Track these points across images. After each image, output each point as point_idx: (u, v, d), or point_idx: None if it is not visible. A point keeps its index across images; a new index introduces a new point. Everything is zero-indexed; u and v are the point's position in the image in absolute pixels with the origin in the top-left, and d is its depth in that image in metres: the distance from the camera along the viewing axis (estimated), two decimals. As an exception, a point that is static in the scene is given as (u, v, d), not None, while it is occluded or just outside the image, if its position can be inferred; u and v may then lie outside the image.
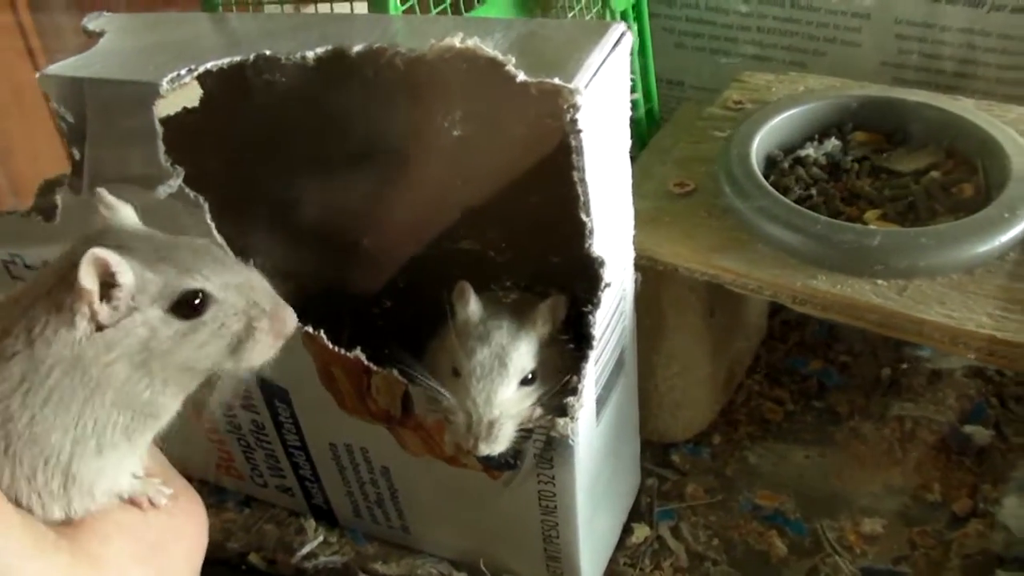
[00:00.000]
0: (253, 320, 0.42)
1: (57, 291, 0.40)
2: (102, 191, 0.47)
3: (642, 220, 0.63)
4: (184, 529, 0.47)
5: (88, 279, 0.39)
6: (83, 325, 0.40)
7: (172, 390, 0.42)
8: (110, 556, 0.42)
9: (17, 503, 0.40)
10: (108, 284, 0.40)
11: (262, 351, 0.43)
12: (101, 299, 0.40)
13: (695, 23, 0.95)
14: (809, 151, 0.73)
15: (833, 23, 0.90)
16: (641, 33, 0.80)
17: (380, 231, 0.63)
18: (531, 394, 0.57)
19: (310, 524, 0.72)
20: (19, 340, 0.40)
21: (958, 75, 0.88)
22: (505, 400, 0.55)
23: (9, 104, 0.96)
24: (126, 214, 0.45)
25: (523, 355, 0.56)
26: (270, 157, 0.62)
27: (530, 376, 0.57)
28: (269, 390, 0.63)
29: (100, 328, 0.40)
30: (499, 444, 0.55)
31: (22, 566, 0.38)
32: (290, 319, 0.43)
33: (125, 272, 0.40)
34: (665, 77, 0.96)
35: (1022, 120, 0.74)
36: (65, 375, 0.40)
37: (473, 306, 0.58)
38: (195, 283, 0.40)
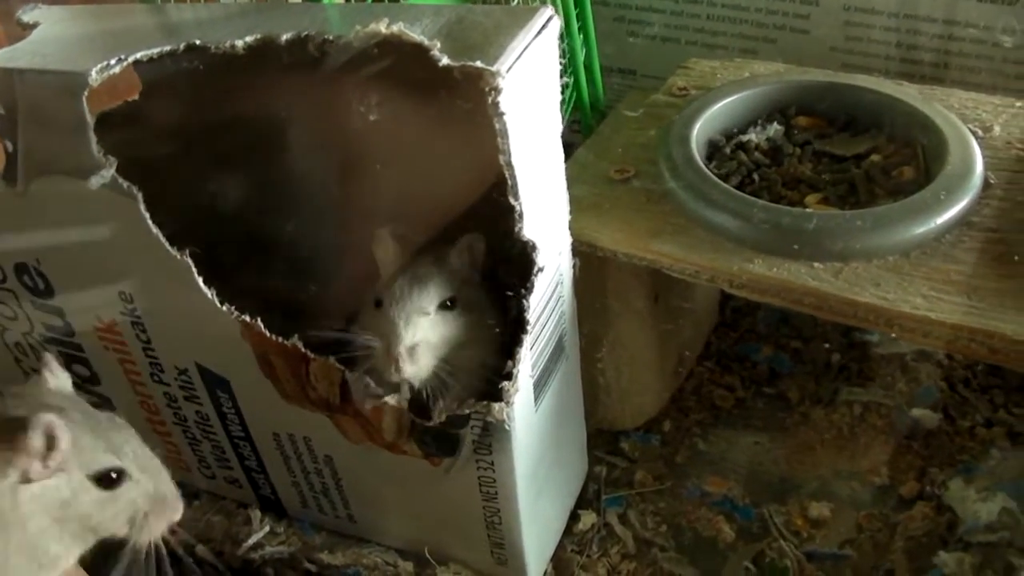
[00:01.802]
0: (155, 503, 0.48)
1: None
2: (49, 357, 0.50)
3: (582, 206, 0.63)
4: None
5: (38, 440, 0.43)
6: (13, 477, 0.43)
7: (74, 545, 0.46)
8: None
9: None
10: (50, 443, 0.43)
11: (154, 530, 0.48)
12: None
13: (645, 11, 0.95)
14: (751, 136, 0.73)
15: (782, 10, 0.90)
16: (584, 21, 0.80)
17: (306, 218, 0.63)
18: (452, 322, 0.58)
19: (256, 515, 0.72)
20: None
21: (905, 60, 0.88)
22: (423, 320, 0.57)
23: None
24: (65, 382, 0.49)
25: (440, 281, 0.58)
26: (201, 145, 0.62)
27: (449, 303, 0.58)
28: (211, 381, 0.63)
29: (27, 481, 0.43)
30: (419, 368, 0.56)
31: None
32: (179, 509, 0.49)
33: (64, 438, 0.43)
34: (616, 66, 0.96)
35: (964, 105, 0.74)
36: None
37: (391, 248, 0.59)
38: (118, 461, 0.45)
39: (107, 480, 0.45)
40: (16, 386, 0.49)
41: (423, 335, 0.56)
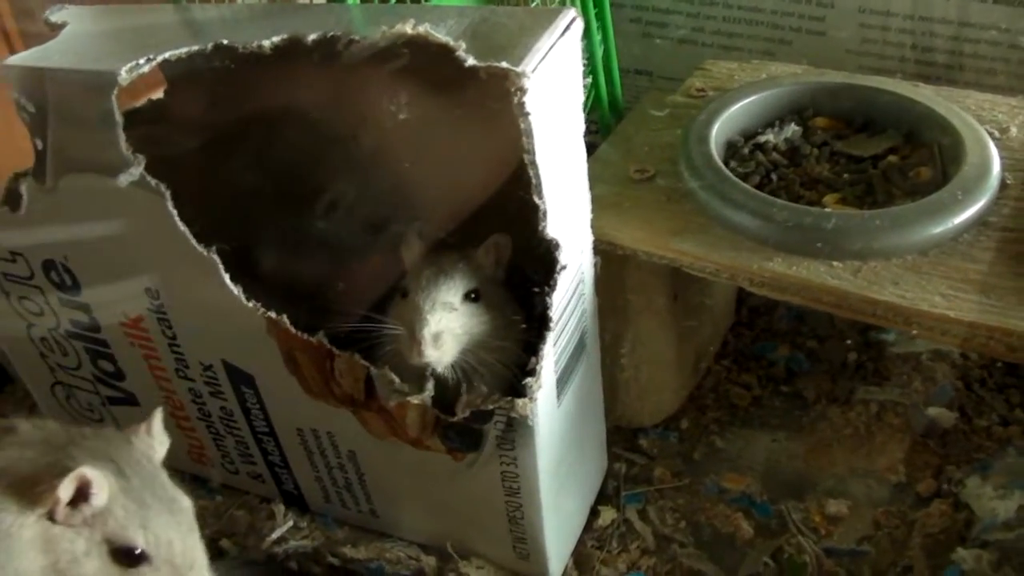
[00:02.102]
0: None
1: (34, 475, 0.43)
2: (157, 416, 0.50)
3: (602, 205, 0.64)
4: None
5: (67, 489, 0.41)
6: (39, 512, 0.42)
7: None
8: None
9: None
10: (82, 495, 0.42)
11: None
12: (69, 504, 0.43)
13: (662, 13, 0.96)
14: (769, 137, 0.74)
15: (798, 12, 0.91)
16: (603, 22, 0.81)
17: (335, 216, 0.64)
18: (475, 314, 0.59)
19: (280, 509, 0.72)
20: None
21: (921, 62, 0.89)
22: (448, 308, 0.58)
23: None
24: (155, 446, 0.48)
25: (465, 273, 0.59)
26: (229, 145, 0.63)
27: (473, 295, 0.59)
28: (236, 376, 0.63)
29: (52, 520, 0.42)
30: (442, 354, 0.57)
31: None
32: None
33: (99, 497, 0.42)
34: (633, 67, 0.97)
35: (980, 106, 0.75)
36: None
37: (416, 246, 0.61)
38: (140, 543, 0.43)
39: (124, 556, 0.43)
40: (106, 431, 0.48)
41: (447, 323, 0.57)
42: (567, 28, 0.52)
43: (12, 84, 0.55)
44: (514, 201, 0.52)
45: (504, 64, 0.48)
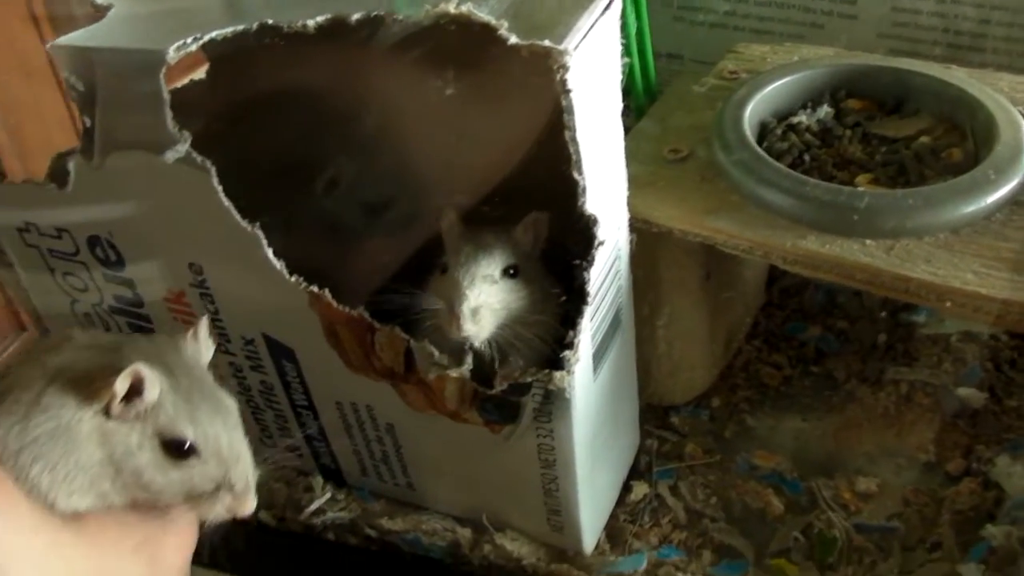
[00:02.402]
0: (218, 493, 0.47)
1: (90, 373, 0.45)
2: (204, 323, 0.51)
3: (638, 184, 0.65)
4: (176, 524, 0.49)
5: (123, 384, 0.44)
6: (96, 408, 0.44)
7: (115, 493, 0.46)
8: (108, 541, 0.45)
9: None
10: (136, 390, 0.44)
11: (210, 513, 0.48)
12: (123, 400, 0.45)
13: (694, -4, 0.97)
14: (802, 118, 0.75)
15: (830, -5, 0.91)
16: (637, 4, 0.82)
17: (379, 190, 0.65)
18: (513, 290, 0.60)
19: (318, 482, 0.74)
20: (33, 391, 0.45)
21: (952, 46, 0.89)
22: (487, 283, 0.59)
23: (15, 71, 0.97)
24: (202, 351, 0.50)
25: (504, 249, 0.60)
26: (273, 123, 0.64)
27: (511, 271, 0.60)
28: (277, 351, 0.64)
29: (107, 416, 0.44)
30: (480, 328, 0.58)
31: (29, 541, 0.41)
32: (249, 506, 0.48)
33: (151, 392, 0.44)
34: (664, 51, 0.97)
35: (1013, 88, 0.75)
36: (51, 437, 0.44)
37: (454, 218, 0.61)
38: (190, 436, 0.45)
39: (175, 449, 0.45)
40: (157, 336, 0.50)
41: (486, 298, 0.59)
42: (607, 7, 0.53)
43: (62, 63, 0.56)
44: (554, 177, 0.53)
45: (546, 42, 0.49)
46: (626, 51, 0.80)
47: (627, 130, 0.74)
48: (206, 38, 0.54)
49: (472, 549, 0.69)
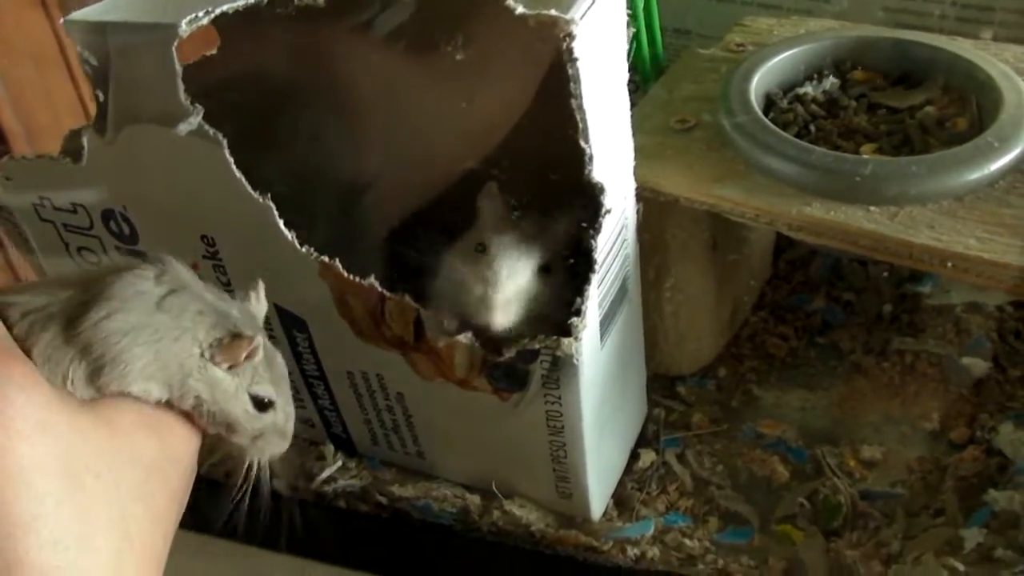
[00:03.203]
0: (275, 435, 0.53)
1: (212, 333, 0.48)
2: (260, 284, 0.53)
3: (645, 155, 0.65)
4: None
5: (243, 351, 0.48)
6: (209, 356, 0.48)
7: (213, 423, 0.50)
8: (123, 424, 0.46)
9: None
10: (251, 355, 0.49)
11: (264, 452, 0.54)
12: None
13: (701, -29, 0.97)
14: (808, 89, 0.75)
15: (836, -31, 0.92)
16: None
17: (391, 156, 0.66)
18: (543, 286, 0.60)
19: (329, 450, 0.75)
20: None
21: (959, 19, 0.89)
22: (525, 277, 0.59)
23: (23, 53, 0.98)
24: (262, 311, 0.54)
25: (544, 246, 0.61)
26: (284, 94, 0.65)
27: (547, 268, 0.61)
28: (288, 321, 0.65)
29: (216, 364, 0.48)
30: (510, 319, 0.59)
31: (51, 417, 0.42)
32: (285, 447, 0.55)
33: (258, 358, 0.49)
34: (672, 25, 0.98)
35: (1018, 58, 0.76)
36: (175, 339, 0.47)
37: (495, 192, 0.62)
38: (274, 395, 0.51)
39: (259, 403, 0.50)
40: (239, 303, 0.52)
41: (521, 291, 0.59)
42: (613, -22, 0.54)
43: (75, 38, 0.57)
44: (561, 144, 0.54)
45: (553, 12, 0.50)
46: (633, 22, 0.81)
47: (634, 103, 0.76)
48: (217, 11, 0.55)
49: (481, 516, 0.70)
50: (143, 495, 0.46)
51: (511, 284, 0.59)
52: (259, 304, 0.54)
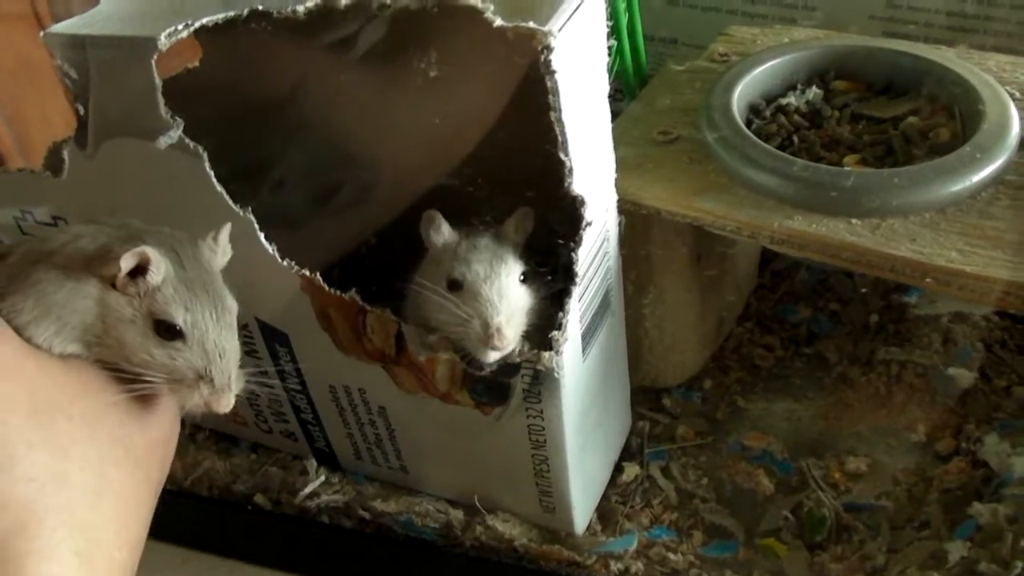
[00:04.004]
0: (198, 382, 0.49)
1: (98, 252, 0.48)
2: (225, 231, 0.53)
3: (627, 167, 0.65)
4: (157, 410, 0.51)
5: (129, 260, 0.47)
6: (101, 275, 0.48)
7: (112, 359, 0.49)
8: (91, 385, 0.48)
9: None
10: (142, 270, 0.48)
11: (189, 403, 0.50)
12: (129, 276, 0.48)
13: (686, -20, 0.97)
14: (791, 99, 0.75)
15: (822, -23, 0.92)
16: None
17: (365, 172, 0.66)
18: (526, 296, 0.59)
19: (312, 465, 0.74)
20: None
21: (945, 28, 0.89)
22: (514, 294, 0.58)
23: (18, 69, 0.98)
24: (218, 257, 0.52)
25: (515, 256, 0.60)
26: (260, 108, 0.65)
27: (522, 277, 0.60)
28: (270, 335, 0.65)
29: (112, 285, 0.48)
30: (511, 341, 0.58)
31: (21, 361, 0.45)
32: (224, 403, 0.50)
33: (155, 273, 0.48)
34: (658, 35, 0.97)
35: (1002, 68, 0.76)
36: (59, 286, 0.48)
37: (446, 229, 0.60)
38: (179, 321, 0.48)
39: (164, 330, 0.48)
40: (180, 232, 0.52)
41: (516, 310, 0.58)
42: (592, -11, 0.54)
43: (55, 52, 0.57)
44: (541, 158, 0.54)
45: (531, 24, 0.50)
46: (615, 34, 0.81)
47: (618, 113, 0.75)
48: (197, 24, 0.54)
49: (464, 531, 0.70)
50: (120, 437, 0.47)
51: (505, 305, 0.58)
52: (216, 247, 0.52)
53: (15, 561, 0.41)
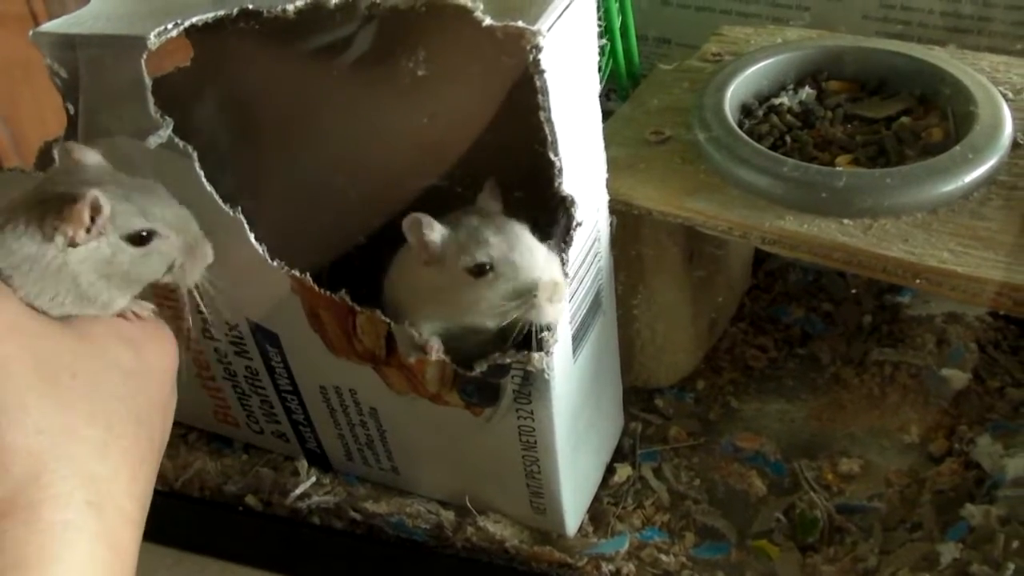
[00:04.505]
0: (187, 253, 0.53)
1: (40, 211, 0.49)
2: (73, 144, 0.53)
3: (618, 167, 0.65)
4: (156, 333, 0.54)
5: (86, 211, 0.48)
6: (60, 242, 0.49)
7: (121, 293, 0.52)
8: (97, 334, 0.50)
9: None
10: (95, 211, 0.49)
11: (190, 275, 0.54)
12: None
13: (680, -21, 0.97)
14: (783, 100, 0.75)
15: (815, -23, 0.92)
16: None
17: (354, 172, 0.66)
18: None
19: (303, 466, 0.74)
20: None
21: (939, 28, 0.89)
22: (541, 248, 0.57)
23: (14, 69, 0.98)
24: (95, 158, 0.53)
25: (513, 220, 0.58)
26: (250, 108, 0.65)
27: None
28: (261, 335, 0.65)
29: (73, 245, 0.49)
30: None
31: (25, 323, 0.46)
32: (209, 252, 0.54)
33: (106, 207, 0.49)
34: (652, 35, 0.97)
35: (995, 68, 0.76)
36: (38, 276, 0.49)
37: (437, 226, 0.57)
38: (147, 224, 0.51)
39: (139, 239, 0.50)
40: (56, 169, 0.53)
41: (550, 259, 0.57)
42: (582, -12, 0.53)
43: (44, 51, 0.57)
44: (530, 158, 0.54)
45: (520, 23, 0.49)
46: (607, 34, 0.81)
47: (610, 113, 0.75)
48: (187, 23, 0.55)
49: (455, 532, 0.69)
50: (122, 396, 0.49)
51: (542, 257, 0.56)
52: (89, 156, 0.53)
53: (30, 509, 0.42)
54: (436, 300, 0.59)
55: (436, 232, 0.57)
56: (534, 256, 0.56)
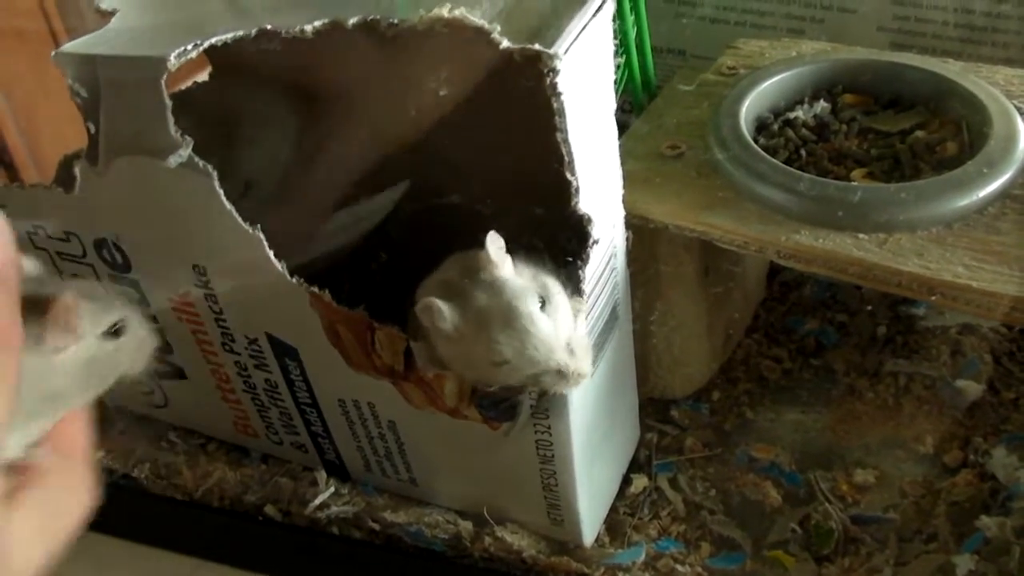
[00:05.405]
0: (147, 339, 0.53)
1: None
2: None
3: (634, 181, 0.65)
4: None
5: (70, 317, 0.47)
6: (48, 347, 0.47)
7: (94, 391, 0.50)
8: None
9: None
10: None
11: (145, 356, 0.53)
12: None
13: (694, -8, 0.97)
14: (798, 113, 0.75)
15: (829, -11, 0.92)
16: (635, 2, 0.82)
17: (375, 189, 0.66)
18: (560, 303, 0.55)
19: (322, 476, 0.75)
20: None
21: (953, 39, 0.89)
22: (561, 319, 0.55)
23: (34, 86, 0.99)
24: (35, 268, 0.51)
25: (522, 288, 0.54)
26: (272, 125, 0.65)
27: (541, 303, 0.54)
28: (280, 349, 0.66)
29: (58, 351, 0.47)
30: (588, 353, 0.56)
31: None
32: (154, 338, 0.54)
33: (84, 308, 0.48)
34: (666, 47, 0.98)
35: (1009, 81, 0.76)
36: None
37: (447, 312, 0.54)
38: (119, 315, 0.50)
39: (112, 333, 0.50)
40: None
41: (567, 333, 0.55)
42: (598, 10, 0.54)
43: (66, 71, 0.57)
44: (548, 176, 0.54)
45: (536, 46, 0.50)
46: (623, 49, 0.81)
47: (627, 126, 0.76)
48: (206, 44, 0.55)
49: (473, 542, 0.70)
50: None
51: (580, 328, 0.55)
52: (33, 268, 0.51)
53: None
54: (457, 362, 0.58)
55: (448, 321, 0.54)
56: (549, 344, 0.53)
